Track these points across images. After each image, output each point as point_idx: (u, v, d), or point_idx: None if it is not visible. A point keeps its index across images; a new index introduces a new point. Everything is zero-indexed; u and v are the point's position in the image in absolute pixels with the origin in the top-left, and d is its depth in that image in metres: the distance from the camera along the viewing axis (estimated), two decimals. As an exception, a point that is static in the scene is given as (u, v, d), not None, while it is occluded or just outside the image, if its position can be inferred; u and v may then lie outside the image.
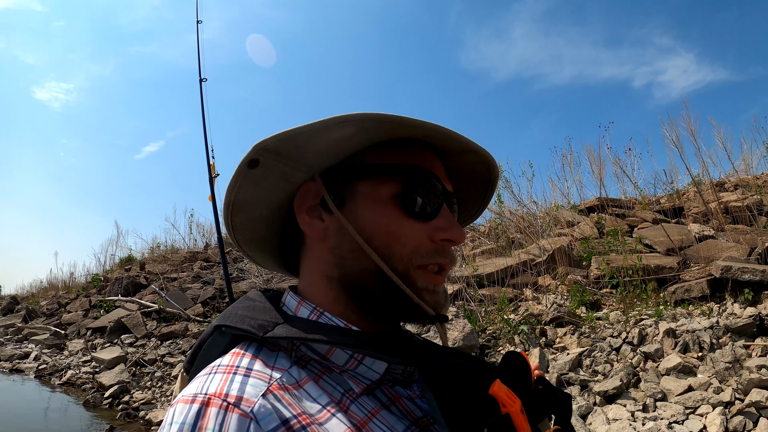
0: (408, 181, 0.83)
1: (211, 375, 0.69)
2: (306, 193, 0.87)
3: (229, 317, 0.81)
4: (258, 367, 0.71)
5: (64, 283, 19.10)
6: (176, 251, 17.07)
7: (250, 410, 0.63)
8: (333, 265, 0.84)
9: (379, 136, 0.83)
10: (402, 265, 0.80)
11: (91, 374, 8.93)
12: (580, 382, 5.19)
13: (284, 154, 0.80)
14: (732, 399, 4.34)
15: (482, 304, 7.33)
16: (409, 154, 0.86)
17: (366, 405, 0.74)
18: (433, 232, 0.82)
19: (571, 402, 0.87)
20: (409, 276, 0.81)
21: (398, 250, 0.81)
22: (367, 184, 0.84)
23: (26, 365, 10.14)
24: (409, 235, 0.81)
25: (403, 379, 0.82)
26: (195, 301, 11.04)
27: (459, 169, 0.97)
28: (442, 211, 0.85)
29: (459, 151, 0.92)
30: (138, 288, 12.75)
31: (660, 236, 7.99)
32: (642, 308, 6.23)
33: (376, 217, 0.82)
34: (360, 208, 0.83)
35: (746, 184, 10.01)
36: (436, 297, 0.83)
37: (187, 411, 0.62)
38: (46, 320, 13.27)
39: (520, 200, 11.78)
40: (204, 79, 5.11)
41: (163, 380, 8.25)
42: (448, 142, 0.88)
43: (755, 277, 5.60)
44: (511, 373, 0.82)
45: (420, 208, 0.82)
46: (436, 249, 0.83)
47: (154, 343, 9.59)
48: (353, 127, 0.78)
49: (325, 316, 0.82)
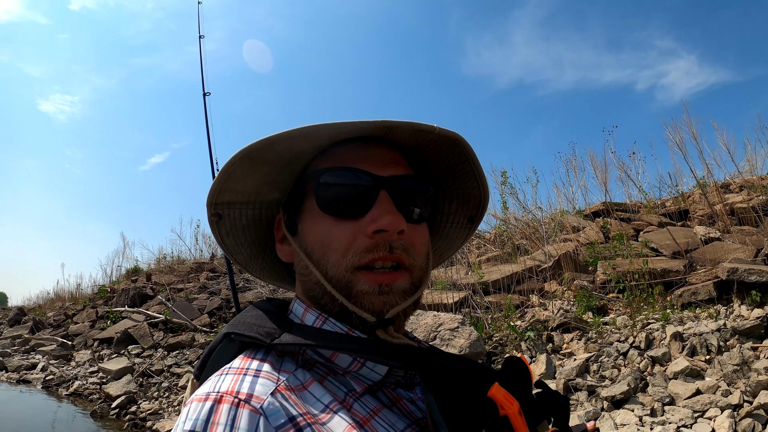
0: (318, 184, 0.84)
1: (222, 376, 0.72)
2: (278, 224, 0.95)
3: (237, 325, 0.83)
4: (266, 369, 0.74)
5: (70, 294, 19.13)
6: (182, 262, 17.10)
7: (260, 406, 0.66)
8: (301, 282, 0.89)
9: (308, 149, 0.87)
10: (335, 270, 0.81)
11: (98, 385, 8.93)
12: (588, 387, 5.16)
13: (232, 201, 0.88)
14: (740, 401, 4.31)
15: (488, 311, 7.32)
16: (337, 155, 0.87)
17: (368, 403, 0.77)
18: (366, 226, 0.81)
19: (569, 405, 0.87)
20: (347, 281, 0.81)
21: (332, 256, 0.82)
22: (307, 202, 0.87)
23: (33, 376, 10.15)
24: (339, 238, 0.82)
25: (405, 382, 0.84)
26: (201, 311, 11.05)
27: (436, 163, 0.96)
28: (378, 200, 0.83)
29: (413, 141, 0.90)
30: (144, 299, 12.75)
31: (666, 239, 7.96)
32: (649, 312, 6.20)
33: (312, 230, 0.85)
34: (303, 226, 0.87)
35: (751, 185, 9.97)
36: (384, 298, 0.81)
37: (201, 408, 0.65)
38: (53, 331, 13.29)
39: (525, 206, 11.76)
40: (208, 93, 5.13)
41: (170, 390, 8.25)
42: (389, 132, 0.87)
43: (762, 279, 5.57)
44: (510, 377, 0.82)
45: (343, 206, 0.83)
46: (369, 245, 0.81)
47: (161, 353, 9.59)
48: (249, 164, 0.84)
49: (329, 321, 0.84)
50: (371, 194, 0.83)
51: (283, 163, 0.87)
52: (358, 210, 0.82)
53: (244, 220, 0.94)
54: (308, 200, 0.87)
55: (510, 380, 0.79)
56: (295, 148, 0.84)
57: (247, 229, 0.96)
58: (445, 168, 0.97)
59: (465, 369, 0.77)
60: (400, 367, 0.79)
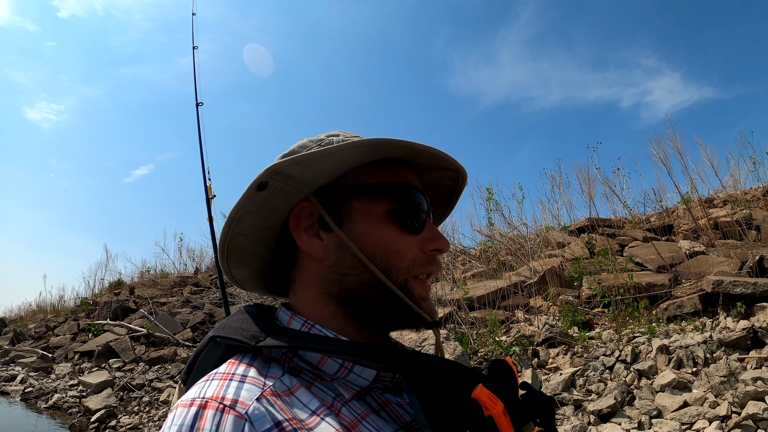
0: (400, 199, 0.89)
1: (208, 382, 0.73)
2: (301, 213, 0.91)
3: (223, 328, 0.85)
4: (252, 375, 0.74)
5: (52, 306, 18.83)
6: (166, 275, 16.97)
7: (245, 412, 0.67)
8: (332, 281, 0.88)
9: (370, 156, 0.89)
10: (401, 277, 0.87)
11: (77, 398, 8.77)
12: (574, 401, 5.14)
13: (291, 175, 0.85)
14: (728, 413, 4.31)
15: (474, 327, 7.30)
16: (395, 172, 0.92)
17: (356, 408, 0.78)
18: (423, 243, 0.90)
19: (554, 405, 0.87)
20: (408, 287, 0.87)
21: (397, 263, 0.87)
22: (361, 203, 0.89)
23: (12, 388, 9.97)
24: (406, 249, 0.88)
25: (393, 387, 0.86)
26: (184, 326, 10.93)
27: (427, 183, 1.06)
28: (427, 223, 0.92)
29: (432, 168, 1.01)
30: (127, 312, 12.61)
31: (650, 254, 8.00)
32: (634, 326, 6.21)
33: (375, 233, 0.87)
34: (358, 226, 0.88)
35: (735, 200, 10.08)
36: (429, 304, 0.91)
37: (186, 413, 0.67)
38: (33, 343, 13.08)
39: (511, 223, 11.81)
40: (200, 103, 5.19)
41: (151, 405, 8.12)
42: (429, 160, 0.96)
43: (747, 290, 5.61)
44: (495, 379, 0.84)
45: (411, 222, 0.89)
46: (427, 259, 0.90)
47: (142, 367, 9.46)
48: (359, 151, 0.85)
49: (315, 328, 0.86)
50: (425, 217, 0.92)
51: (356, 161, 0.89)
52: (418, 228, 0.90)
53: (279, 198, 0.87)
54: (363, 202, 0.89)
55: (494, 382, 0.80)
56: (381, 152, 0.89)
57: (272, 211, 0.89)
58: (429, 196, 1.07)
59: (449, 370, 0.79)
60: (386, 369, 0.82)
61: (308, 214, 0.90)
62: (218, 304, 12.17)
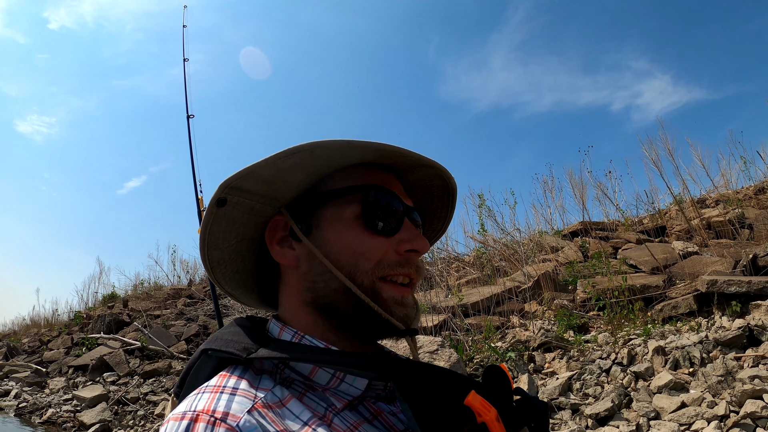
0: (367, 200, 0.88)
1: (199, 395, 0.73)
2: (275, 226, 0.93)
3: (215, 341, 0.85)
4: (243, 387, 0.74)
5: (46, 320, 18.68)
6: (159, 288, 16.90)
7: (236, 425, 0.66)
8: (306, 289, 0.88)
9: (337, 162, 0.89)
10: (366, 278, 0.85)
11: (72, 413, 8.71)
12: (571, 406, 5.12)
13: (249, 189, 0.85)
14: (727, 412, 4.30)
15: (469, 333, 7.29)
16: (366, 175, 0.91)
17: (348, 418, 0.78)
18: (397, 245, 0.88)
19: (548, 410, 0.85)
20: (375, 289, 0.85)
21: (363, 265, 0.85)
22: (330, 209, 0.89)
23: (6, 403, 9.91)
24: (374, 250, 0.86)
25: (386, 395, 0.85)
26: (179, 338, 10.88)
27: (417, 185, 1.04)
28: (405, 224, 0.90)
29: (412, 167, 0.98)
30: (121, 325, 12.53)
31: (644, 256, 8.02)
32: (630, 328, 6.20)
33: (342, 238, 0.87)
34: (326, 233, 0.88)
35: (727, 199, 10.12)
36: (405, 309, 0.88)
37: (177, 427, 0.66)
38: (27, 358, 12.99)
39: (504, 228, 11.81)
40: (191, 115, 5.19)
41: (146, 419, 8.07)
42: (401, 159, 0.93)
43: (741, 289, 5.62)
44: (488, 385, 0.83)
45: (382, 224, 0.88)
46: (400, 260, 0.88)
47: (137, 381, 9.40)
48: (308, 156, 0.83)
49: (306, 339, 0.86)
50: (401, 218, 0.90)
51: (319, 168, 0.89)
52: (391, 229, 0.88)
53: (245, 213, 0.89)
54: (333, 208, 0.89)
55: (487, 388, 0.79)
56: (346, 156, 0.88)
57: (243, 225, 0.92)
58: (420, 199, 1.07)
59: (441, 377, 0.79)
60: (378, 378, 0.82)
61: (282, 226, 0.92)
62: (213, 316, 12.11)
